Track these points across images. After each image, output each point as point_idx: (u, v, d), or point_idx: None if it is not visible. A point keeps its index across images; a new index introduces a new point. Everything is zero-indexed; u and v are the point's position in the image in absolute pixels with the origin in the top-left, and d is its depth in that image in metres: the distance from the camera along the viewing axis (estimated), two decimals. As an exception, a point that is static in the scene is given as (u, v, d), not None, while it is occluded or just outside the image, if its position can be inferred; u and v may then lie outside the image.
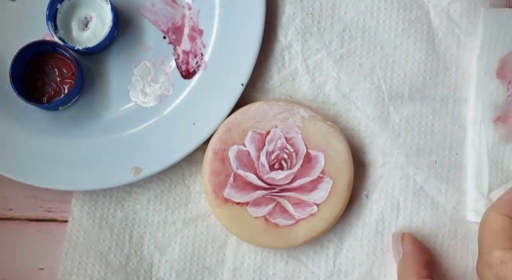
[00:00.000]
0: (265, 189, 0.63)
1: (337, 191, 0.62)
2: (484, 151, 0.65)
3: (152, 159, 0.64)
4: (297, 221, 0.62)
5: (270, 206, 0.63)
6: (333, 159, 0.62)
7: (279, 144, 0.63)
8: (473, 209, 0.64)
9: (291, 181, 0.63)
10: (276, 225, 0.62)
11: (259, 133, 0.63)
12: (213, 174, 0.63)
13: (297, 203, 0.62)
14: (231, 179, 0.63)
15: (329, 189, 0.62)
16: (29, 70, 0.65)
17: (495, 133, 0.65)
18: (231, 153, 0.63)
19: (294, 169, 0.63)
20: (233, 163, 0.63)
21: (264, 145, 0.63)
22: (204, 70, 0.65)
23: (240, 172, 0.63)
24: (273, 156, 0.63)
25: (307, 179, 0.63)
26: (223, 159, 0.63)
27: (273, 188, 0.63)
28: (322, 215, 0.62)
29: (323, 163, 0.63)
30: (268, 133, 0.63)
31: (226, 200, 0.62)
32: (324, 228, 0.62)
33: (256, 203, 0.62)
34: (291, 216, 0.62)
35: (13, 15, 0.65)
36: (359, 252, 0.65)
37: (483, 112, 0.65)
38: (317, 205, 0.62)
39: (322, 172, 0.62)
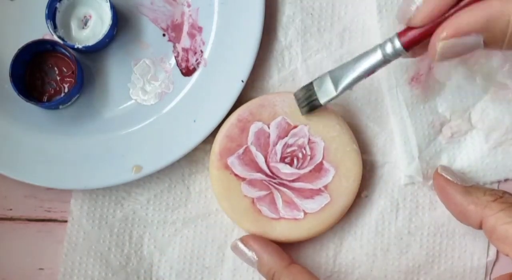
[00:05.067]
0: (266, 175, 0.63)
1: (330, 209, 0.62)
2: (406, 115, 0.64)
3: (153, 157, 0.64)
4: (280, 218, 0.62)
5: (263, 193, 0.63)
6: (341, 179, 0.62)
7: (300, 142, 0.63)
8: (407, 174, 0.64)
9: (293, 180, 0.63)
10: (259, 211, 0.62)
11: (287, 122, 0.63)
12: (227, 138, 0.63)
13: (288, 202, 0.62)
14: (241, 150, 0.63)
15: (323, 205, 0.62)
16: (29, 69, 0.65)
17: (412, 95, 0.64)
18: (253, 128, 0.63)
19: (301, 171, 0.63)
20: (251, 137, 0.63)
21: (287, 136, 0.63)
22: (204, 67, 0.65)
23: (252, 148, 0.63)
24: (289, 150, 0.63)
25: (308, 186, 0.62)
26: (243, 129, 0.63)
27: (274, 178, 0.63)
28: (305, 225, 0.62)
29: (330, 179, 0.62)
30: (295, 126, 0.63)
31: (227, 167, 0.62)
32: (301, 236, 0.62)
33: (252, 183, 0.63)
34: (276, 210, 0.62)
35: (12, 14, 0.65)
36: (359, 252, 0.65)
37: (396, 76, 0.64)
38: (305, 213, 0.62)
39: (325, 187, 0.62)
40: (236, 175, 0.63)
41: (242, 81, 0.64)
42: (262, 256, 0.60)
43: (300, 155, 0.63)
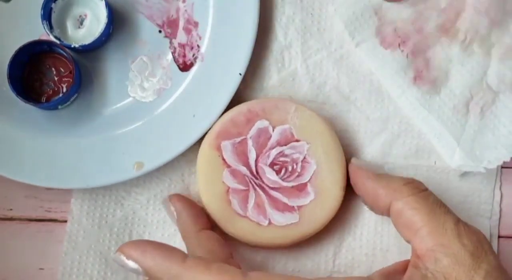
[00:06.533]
0: (250, 172, 0.62)
1: (294, 229, 0.61)
2: (425, 114, 0.64)
3: (154, 153, 0.64)
4: (245, 217, 0.62)
5: (240, 187, 0.62)
6: (317, 207, 0.62)
7: (295, 156, 0.62)
8: (456, 166, 0.64)
9: (273, 188, 0.62)
10: (229, 202, 0.62)
11: (292, 133, 0.63)
12: (231, 122, 0.63)
13: (259, 206, 0.62)
14: (238, 139, 0.62)
15: (289, 223, 0.61)
16: (26, 70, 0.65)
17: (422, 93, 0.64)
18: (259, 124, 0.63)
19: (284, 183, 0.62)
20: (252, 131, 0.63)
21: (286, 145, 0.62)
22: (201, 62, 0.65)
23: (249, 142, 0.62)
24: (282, 159, 0.62)
25: (284, 199, 0.62)
26: (249, 121, 0.63)
27: (256, 178, 0.63)
28: (265, 233, 0.62)
29: (306, 202, 0.62)
30: (297, 140, 0.62)
31: (218, 148, 0.62)
32: (257, 242, 0.62)
33: (234, 173, 0.62)
34: (245, 208, 0.62)
35: (7, 16, 0.65)
36: (358, 253, 0.65)
37: (398, 83, 0.64)
38: (270, 223, 0.62)
39: (299, 207, 0.62)
40: (223, 159, 0.62)
41: (240, 74, 0.64)
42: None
43: (290, 168, 0.62)
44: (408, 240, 0.57)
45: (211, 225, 0.61)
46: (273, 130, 0.63)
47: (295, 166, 0.62)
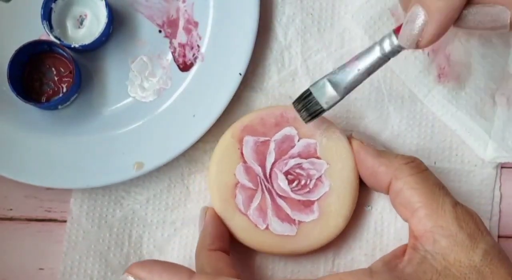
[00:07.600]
0: (264, 174, 0.62)
1: (287, 241, 0.61)
2: (454, 110, 0.64)
3: (154, 153, 0.64)
4: (245, 215, 0.61)
5: (249, 184, 0.62)
6: (316, 227, 0.61)
7: (311, 172, 0.62)
8: (490, 158, 0.64)
9: (279, 196, 0.62)
10: (234, 196, 0.61)
11: (315, 149, 0.62)
12: (261, 120, 0.62)
13: (261, 208, 0.62)
14: (262, 139, 0.62)
15: (285, 233, 0.61)
16: (26, 70, 0.65)
17: (448, 89, 0.64)
18: (286, 130, 0.62)
19: (292, 195, 0.62)
20: (278, 136, 0.62)
21: (306, 159, 0.62)
22: (201, 62, 0.65)
23: (272, 145, 0.62)
24: (298, 170, 0.62)
25: (288, 210, 0.61)
26: (278, 125, 0.62)
27: (267, 181, 0.62)
28: (260, 236, 0.61)
29: (308, 220, 0.61)
30: (318, 158, 0.62)
31: (240, 141, 0.62)
32: (251, 243, 0.62)
33: (247, 170, 0.62)
34: (248, 207, 0.62)
35: (8, 16, 0.65)
36: (357, 253, 0.65)
37: (423, 83, 0.64)
38: (267, 228, 0.61)
39: (299, 222, 0.61)
40: (242, 153, 0.62)
41: (240, 74, 0.64)
42: None
43: (303, 182, 0.62)
44: (405, 219, 0.58)
45: (228, 250, 0.61)
46: (298, 141, 0.62)
47: (308, 182, 0.62)
